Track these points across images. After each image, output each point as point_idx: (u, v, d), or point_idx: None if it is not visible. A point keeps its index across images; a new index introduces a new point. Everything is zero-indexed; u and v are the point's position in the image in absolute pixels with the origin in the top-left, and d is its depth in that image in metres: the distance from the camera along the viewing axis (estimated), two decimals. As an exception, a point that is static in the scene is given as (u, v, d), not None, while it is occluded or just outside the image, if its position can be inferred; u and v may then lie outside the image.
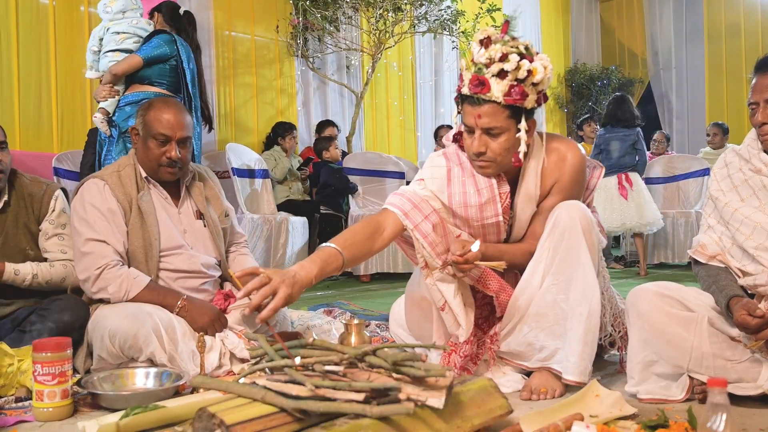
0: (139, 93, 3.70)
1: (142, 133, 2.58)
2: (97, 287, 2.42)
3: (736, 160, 2.13)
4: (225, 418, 1.49)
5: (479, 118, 2.07)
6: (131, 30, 3.81)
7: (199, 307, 2.46)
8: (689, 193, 6.95)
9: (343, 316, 3.51)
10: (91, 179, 2.56)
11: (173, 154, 2.54)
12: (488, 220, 2.21)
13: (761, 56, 2.05)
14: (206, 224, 2.71)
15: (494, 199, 2.19)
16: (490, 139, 2.10)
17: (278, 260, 5.49)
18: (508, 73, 2.01)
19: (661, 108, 10.59)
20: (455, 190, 2.22)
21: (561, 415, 1.72)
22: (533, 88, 2.07)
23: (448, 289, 2.20)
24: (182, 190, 2.69)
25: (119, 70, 3.70)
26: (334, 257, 2.01)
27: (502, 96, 2.03)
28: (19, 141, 4.92)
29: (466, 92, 2.08)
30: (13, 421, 1.94)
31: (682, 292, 2.08)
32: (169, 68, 3.72)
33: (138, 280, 2.43)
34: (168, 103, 2.62)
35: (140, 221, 2.53)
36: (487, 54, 2.04)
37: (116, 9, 3.84)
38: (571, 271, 2.08)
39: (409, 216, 2.17)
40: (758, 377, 1.94)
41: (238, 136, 6.58)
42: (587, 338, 2.07)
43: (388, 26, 6.89)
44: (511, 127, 2.09)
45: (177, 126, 2.55)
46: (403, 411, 1.49)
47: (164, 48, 3.68)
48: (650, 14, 10.75)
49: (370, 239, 2.13)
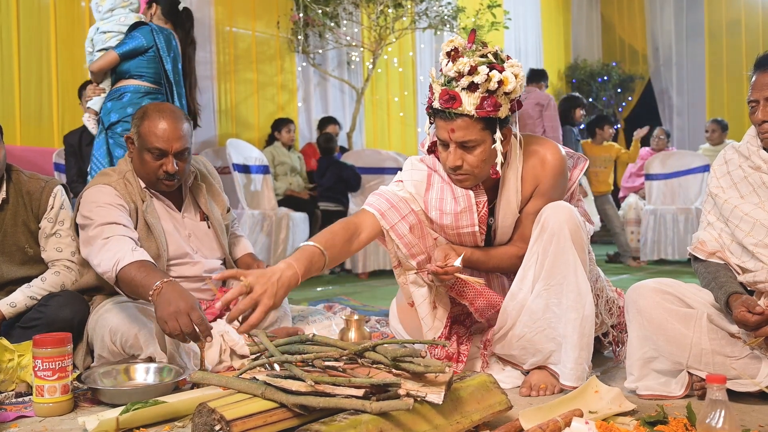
0: (120, 87, 3.66)
1: (137, 145, 2.47)
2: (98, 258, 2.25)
3: (736, 157, 2.13)
4: (225, 414, 1.49)
5: (453, 132, 2.02)
6: (116, 28, 3.79)
7: (170, 294, 2.06)
8: (689, 189, 6.95)
9: (343, 311, 3.50)
10: (98, 185, 2.46)
11: (170, 167, 2.42)
12: (463, 230, 2.18)
13: (761, 54, 2.04)
14: (210, 225, 2.67)
15: (470, 209, 2.16)
16: (465, 153, 2.05)
17: (279, 255, 5.50)
18: (479, 86, 1.96)
19: (662, 104, 10.58)
20: (433, 195, 2.20)
21: (560, 411, 1.72)
22: (506, 98, 2.02)
23: (418, 292, 2.23)
24: (185, 194, 2.64)
25: (95, 67, 3.70)
26: (318, 257, 1.96)
27: (474, 109, 1.98)
28: (20, 136, 4.92)
29: (437, 106, 2.03)
30: (13, 416, 1.94)
31: (682, 289, 2.08)
32: (147, 59, 3.66)
33: (135, 253, 2.22)
34: (162, 111, 2.47)
35: (146, 233, 2.46)
36: (455, 68, 1.97)
37: (106, 8, 3.84)
38: (562, 276, 2.07)
39: (386, 216, 2.16)
40: (757, 374, 1.95)
41: (238, 131, 6.59)
42: (582, 342, 2.06)
43: (389, 22, 6.89)
44: (486, 138, 2.04)
45: (173, 138, 2.42)
46: (402, 407, 1.50)
47: (140, 40, 3.63)
48: (651, 10, 10.74)
49: (349, 241, 2.10)
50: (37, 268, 2.56)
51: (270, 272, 1.77)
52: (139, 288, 2.15)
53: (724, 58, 9.95)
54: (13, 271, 2.52)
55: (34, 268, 2.55)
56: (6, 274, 2.51)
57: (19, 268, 2.54)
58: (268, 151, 6.28)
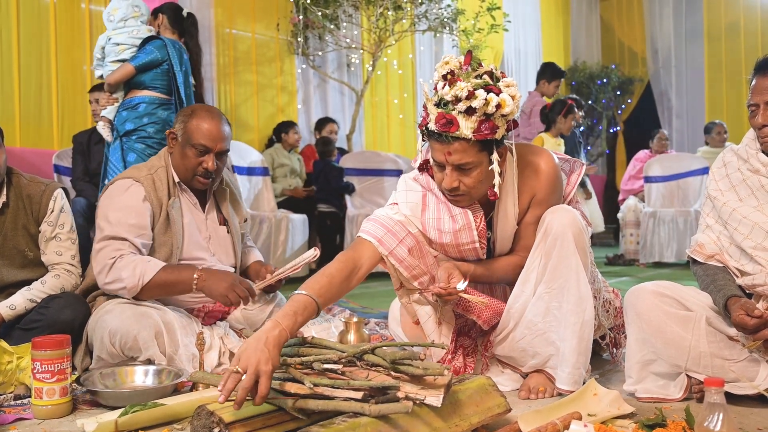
0: (135, 98, 3.83)
1: (181, 140, 2.53)
2: (112, 277, 2.36)
3: (735, 160, 2.13)
4: (224, 416, 1.49)
5: (449, 155, 1.99)
6: (130, 41, 3.92)
7: (215, 276, 2.38)
8: (688, 191, 6.95)
9: (342, 314, 3.51)
10: (124, 179, 2.51)
11: (210, 165, 2.50)
12: (464, 247, 2.17)
13: (761, 57, 2.04)
14: (229, 231, 2.71)
15: (469, 226, 2.14)
16: (462, 175, 2.03)
17: (278, 257, 5.50)
18: (476, 110, 1.93)
19: (661, 107, 10.57)
20: (429, 216, 2.18)
21: (559, 413, 1.73)
22: (503, 119, 1.99)
23: (423, 310, 2.23)
24: (209, 196, 2.67)
25: (112, 80, 3.84)
26: (309, 306, 1.85)
27: (471, 133, 1.95)
28: (20, 138, 4.92)
29: (434, 129, 1.99)
30: (12, 418, 1.94)
31: (681, 292, 2.08)
32: (161, 72, 3.84)
33: (152, 263, 2.37)
34: (211, 112, 2.56)
35: (165, 227, 2.50)
36: (453, 92, 1.93)
37: (118, 17, 3.95)
38: (563, 279, 2.07)
39: (383, 242, 2.14)
40: (756, 377, 1.95)
41: (238, 133, 6.58)
42: (581, 347, 2.07)
43: (389, 24, 6.89)
44: (483, 159, 2.02)
45: (218, 137, 2.51)
46: (401, 409, 1.50)
47: (155, 54, 3.80)
48: (650, 13, 10.74)
49: (347, 280, 2.03)
50: (37, 272, 2.55)
51: (255, 340, 1.65)
52: (177, 285, 2.39)
53: (723, 61, 9.95)
54: (13, 275, 2.52)
55: (34, 272, 2.55)
56: (6, 277, 2.51)
57: (19, 271, 2.53)
58: (268, 153, 6.29)
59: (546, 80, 6.49)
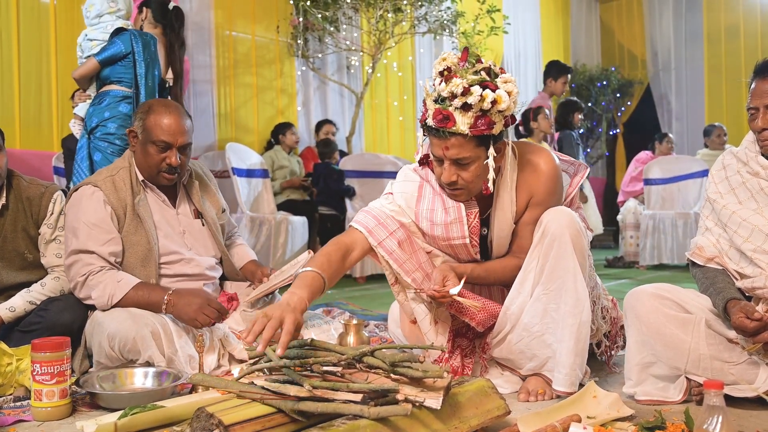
0: (102, 93, 3.74)
1: (142, 138, 2.53)
2: (84, 293, 2.41)
3: (734, 163, 2.13)
4: (223, 418, 1.49)
5: (447, 150, 2.03)
6: (102, 36, 3.84)
7: (183, 299, 2.35)
8: (688, 194, 6.95)
9: (342, 316, 3.50)
10: (84, 186, 2.51)
11: (173, 160, 2.50)
12: (455, 241, 2.19)
13: (760, 60, 2.04)
14: (204, 223, 2.70)
15: (460, 220, 2.16)
16: (460, 169, 2.06)
17: (278, 259, 5.50)
18: (472, 106, 1.95)
19: (661, 109, 10.58)
20: (424, 207, 2.21)
21: (558, 416, 1.73)
22: (499, 115, 2.01)
23: (419, 308, 2.23)
24: (179, 190, 2.67)
25: (77, 74, 3.78)
26: (317, 280, 1.99)
27: (468, 129, 1.98)
28: (20, 140, 4.93)
29: (431, 125, 2.03)
30: (11, 420, 1.94)
31: (680, 294, 2.08)
32: (124, 65, 3.72)
33: (122, 283, 2.38)
34: (168, 107, 2.55)
35: (135, 227, 2.49)
36: (448, 89, 1.96)
37: (93, 14, 3.87)
38: (561, 281, 2.07)
39: (373, 233, 2.18)
40: (755, 379, 1.95)
41: (238, 136, 6.59)
42: (578, 348, 2.06)
43: (388, 27, 6.89)
44: (481, 154, 2.04)
45: (178, 132, 2.50)
46: (400, 412, 1.50)
47: (119, 46, 3.69)
48: (650, 15, 10.75)
49: (342, 260, 2.13)
50: (37, 274, 2.56)
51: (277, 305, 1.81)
52: (147, 307, 2.36)
53: (722, 63, 9.96)
54: (12, 277, 2.52)
55: (34, 274, 2.56)
56: (5, 279, 2.51)
57: (18, 273, 2.54)
58: (268, 156, 6.30)
59: (552, 78, 6.47)
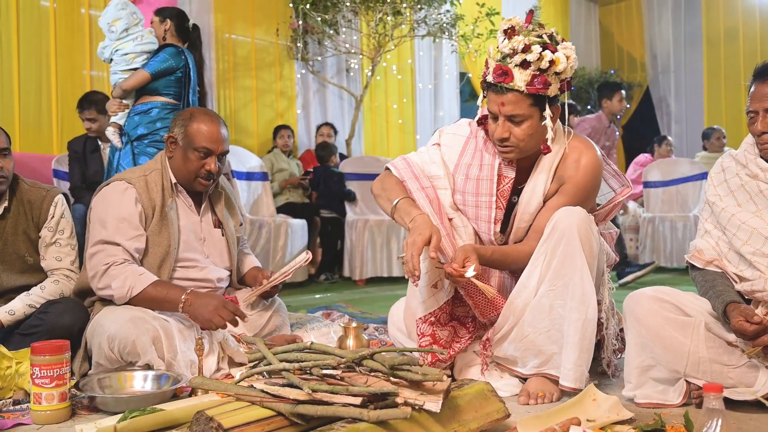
0: (147, 103, 3.88)
1: (182, 144, 2.57)
2: (103, 283, 2.40)
3: (733, 165, 2.13)
4: (223, 422, 1.49)
5: (503, 106, 2.12)
6: (138, 49, 3.98)
7: (200, 300, 2.37)
8: (687, 196, 6.96)
9: (342, 319, 3.51)
10: (117, 181, 2.55)
11: (213, 167, 2.56)
12: (482, 198, 2.26)
13: (759, 64, 2.04)
14: (224, 234, 2.75)
15: (491, 177, 2.25)
16: (513, 126, 2.14)
17: (277, 262, 5.50)
18: (531, 64, 2.06)
19: (660, 112, 10.58)
20: (464, 160, 2.31)
21: (558, 419, 1.72)
22: (556, 77, 2.11)
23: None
24: (205, 198, 2.71)
25: (128, 85, 3.89)
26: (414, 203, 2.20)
27: (524, 85, 2.08)
28: (19, 143, 4.91)
29: (491, 80, 2.13)
30: (10, 424, 1.94)
31: (680, 297, 2.08)
32: (174, 79, 3.92)
33: (143, 277, 2.40)
34: (210, 115, 2.63)
35: (160, 228, 2.52)
36: (510, 45, 2.08)
37: (120, 28, 4.00)
38: (568, 277, 2.08)
39: (407, 184, 2.29)
40: (754, 382, 1.94)
41: (237, 138, 6.59)
42: (583, 344, 2.07)
43: (388, 30, 6.90)
44: (534, 114, 2.13)
45: (219, 140, 2.57)
46: (400, 415, 1.50)
47: (171, 62, 3.88)
48: (649, 19, 10.75)
49: None
50: (37, 277, 2.56)
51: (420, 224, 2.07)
52: (164, 304, 2.39)
53: (722, 66, 9.96)
54: (12, 280, 2.53)
55: (34, 277, 2.56)
56: (5, 282, 2.51)
57: (18, 276, 2.54)
58: (268, 158, 6.31)
59: (607, 98, 6.10)
